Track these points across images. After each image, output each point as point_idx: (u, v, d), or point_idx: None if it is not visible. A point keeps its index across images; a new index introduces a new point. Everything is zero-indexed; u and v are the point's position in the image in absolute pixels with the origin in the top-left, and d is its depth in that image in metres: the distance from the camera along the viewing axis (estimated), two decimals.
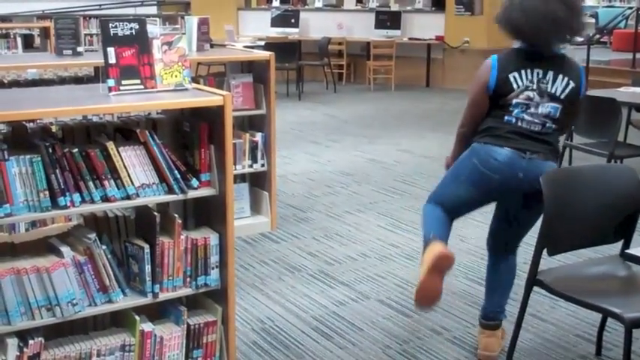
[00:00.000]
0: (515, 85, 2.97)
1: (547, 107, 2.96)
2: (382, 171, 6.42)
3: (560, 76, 2.97)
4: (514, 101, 2.97)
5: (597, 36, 14.55)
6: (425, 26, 11.87)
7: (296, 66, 10.56)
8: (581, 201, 2.87)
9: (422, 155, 7.04)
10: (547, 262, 2.91)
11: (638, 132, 6.10)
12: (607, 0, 16.87)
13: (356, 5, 12.87)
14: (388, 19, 12.02)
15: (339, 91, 11.35)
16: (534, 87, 2.96)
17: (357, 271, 4.11)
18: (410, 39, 11.84)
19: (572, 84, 2.98)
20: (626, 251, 2.26)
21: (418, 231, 4.77)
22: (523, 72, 2.97)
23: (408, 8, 12.34)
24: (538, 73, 2.96)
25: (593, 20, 16.22)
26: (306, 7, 12.94)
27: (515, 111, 2.97)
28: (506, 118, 2.99)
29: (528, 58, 3.00)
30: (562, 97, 2.96)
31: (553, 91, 2.96)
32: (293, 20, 12.27)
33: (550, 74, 2.97)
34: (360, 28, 12.10)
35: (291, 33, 12.08)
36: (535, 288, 2.81)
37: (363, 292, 3.83)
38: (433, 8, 12.17)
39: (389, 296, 3.78)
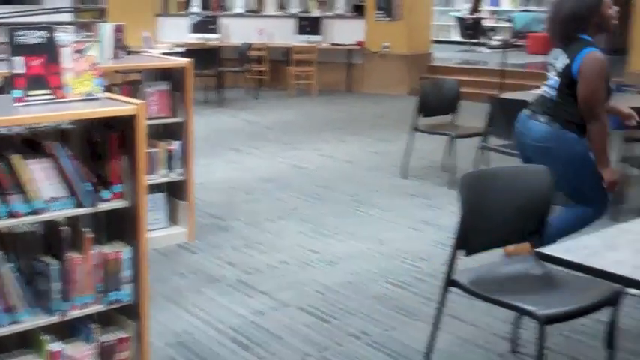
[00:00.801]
0: None
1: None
2: (304, 177, 6.42)
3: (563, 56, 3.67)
4: None
5: (514, 39, 15.01)
6: (346, 32, 11.96)
7: (216, 72, 10.47)
8: (496, 202, 2.92)
9: (344, 160, 7.07)
10: (468, 262, 2.95)
11: None
12: (522, 4, 17.32)
13: (277, 11, 12.85)
14: (309, 25, 12.06)
15: (260, 97, 11.32)
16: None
17: (276, 279, 4.08)
18: (331, 44, 11.91)
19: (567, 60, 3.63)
20: (538, 250, 2.30)
21: (339, 236, 4.82)
22: None
23: (329, 14, 12.40)
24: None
25: (509, 24, 16.69)
26: (226, 12, 12.84)
27: None
28: None
29: None
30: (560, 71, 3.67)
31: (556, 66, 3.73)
32: (213, 26, 12.17)
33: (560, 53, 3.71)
34: (281, 33, 12.10)
35: (211, 39, 11.97)
36: (453, 289, 2.85)
37: (283, 300, 3.81)
38: (354, 14, 12.27)
39: (309, 303, 3.77)
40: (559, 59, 3.73)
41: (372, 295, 3.83)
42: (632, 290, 2.96)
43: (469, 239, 2.84)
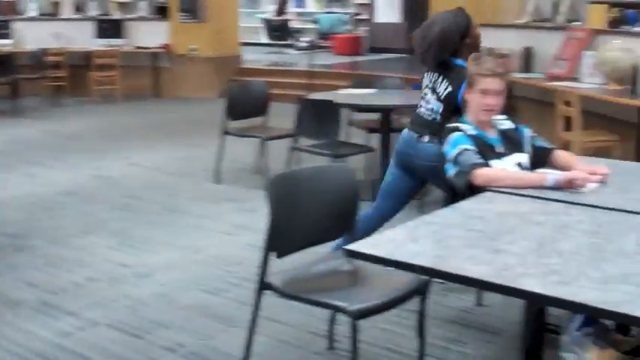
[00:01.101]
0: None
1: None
2: (110, 188, 6.12)
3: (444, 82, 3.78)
4: None
5: (319, 40, 15.39)
6: (150, 34, 11.62)
7: (10, 80, 9.77)
8: (304, 202, 2.91)
9: (152, 168, 6.84)
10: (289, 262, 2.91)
11: (359, 131, 6.45)
12: (327, 6, 17.79)
13: (74, 14, 12.22)
14: (110, 28, 11.60)
15: (60, 105, 10.70)
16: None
17: (84, 298, 3.83)
18: (135, 47, 11.52)
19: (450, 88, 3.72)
20: (345, 247, 2.31)
21: (150, 247, 4.63)
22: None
23: (131, 16, 12.00)
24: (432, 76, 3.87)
25: (315, 25, 17.08)
26: (20, 16, 12.01)
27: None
28: None
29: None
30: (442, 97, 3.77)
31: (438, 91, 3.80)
32: (5, 31, 11.33)
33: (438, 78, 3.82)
34: (80, 37, 11.52)
35: (4, 45, 11.15)
36: (270, 291, 2.80)
37: (91, 318, 3.57)
38: (157, 16, 11.95)
39: (120, 319, 3.56)
40: (440, 85, 3.79)
41: (185, 306, 3.70)
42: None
43: (280, 241, 2.81)
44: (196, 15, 11.49)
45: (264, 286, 2.80)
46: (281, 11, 17.40)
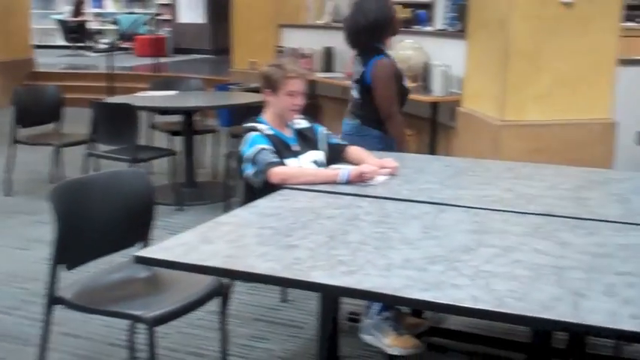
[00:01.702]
0: None
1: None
2: None
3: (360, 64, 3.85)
4: None
5: (119, 42, 14.88)
6: None
7: None
8: (95, 209, 2.79)
9: None
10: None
11: (163, 134, 6.31)
12: (127, 6, 17.27)
13: None
14: None
15: None
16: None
17: None
18: None
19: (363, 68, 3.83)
20: (136, 254, 2.23)
21: None
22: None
23: None
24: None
25: (115, 26, 16.50)
26: None
27: None
28: None
29: None
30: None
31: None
32: None
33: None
34: None
35: None
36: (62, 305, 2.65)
37: None
38: None
39: None
40: (357, 66, 3.90)
41: None
42: None
43: (69, 252, 2.67)
44: None
45: (54, 300, 2.65)
46: (77, 12, 16.63)
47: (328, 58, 7.83)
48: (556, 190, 2.97)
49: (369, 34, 3.84)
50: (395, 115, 3.84)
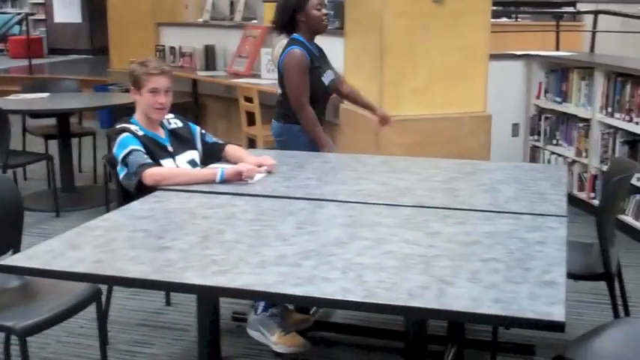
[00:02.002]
0: None
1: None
2: None
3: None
4: None
5: None
6: None
7: None
8: None
9: None
10: None
11: (38, 138, 6.07)
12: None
13: None
14: None
15: None
16: None
17: None
18: None
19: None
20: (0, 263, 2.13)
21: None
22: None
23: None
24: None
25: None
26: None
27: None
28: None
29: None
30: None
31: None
32: None
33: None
34: None
35: None
36: None
37: None
38: None
39: None
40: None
41: None
42: None
43: None
44: None
45: None
46: None
47: (209, 57, 7.76)
48: (428, 182, 3.06)
49: (279, 17, 3.81)
50: (304, 107, 3.71)
